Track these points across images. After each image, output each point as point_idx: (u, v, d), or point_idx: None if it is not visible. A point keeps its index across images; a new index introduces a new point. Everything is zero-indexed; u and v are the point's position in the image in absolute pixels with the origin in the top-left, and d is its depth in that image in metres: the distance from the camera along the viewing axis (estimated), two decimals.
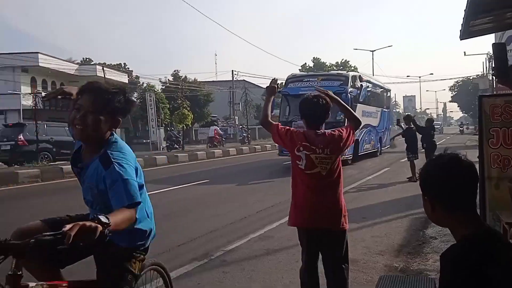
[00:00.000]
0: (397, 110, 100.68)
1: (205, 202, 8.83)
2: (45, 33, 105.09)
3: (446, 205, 1.31)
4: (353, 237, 5.55)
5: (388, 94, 22.24)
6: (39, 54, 32.04)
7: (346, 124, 3.24)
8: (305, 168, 2.97)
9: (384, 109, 20.14)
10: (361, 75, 16.25)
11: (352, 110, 3.38)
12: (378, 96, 19.24)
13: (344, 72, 14.91)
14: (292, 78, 15.43)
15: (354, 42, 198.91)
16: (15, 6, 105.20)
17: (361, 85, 14.52)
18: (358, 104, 14.20)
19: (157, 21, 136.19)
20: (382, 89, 20.34)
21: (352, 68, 56.30)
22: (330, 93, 3.23)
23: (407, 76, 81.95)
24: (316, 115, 3.07)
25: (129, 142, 32.31)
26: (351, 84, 14.21)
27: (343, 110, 3.35)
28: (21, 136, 15.91)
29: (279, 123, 3.31)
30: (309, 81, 14.59)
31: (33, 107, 17.40)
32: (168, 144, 25.63)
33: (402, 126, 12.74)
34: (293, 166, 3.08)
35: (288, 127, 3.23)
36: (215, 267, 4.66)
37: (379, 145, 18.85)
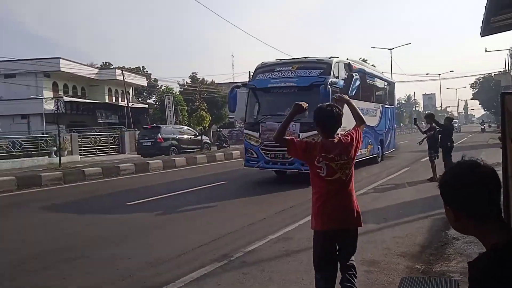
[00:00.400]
0: (417, 108, 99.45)
1: (224, 204, 8.86)
2: (66, 38, 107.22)
3: (468, 214, 1.29)
4: (374, 238, 5.52)
5: (392, 88, 18.74)
6: (60, 59, 32.74)
7: (354, 126, 3.39)
8: (326, 175, 3.10)
9: (386, 106, 16.89)
10: (351, 62, 12.91)
11: (357, 108, 3.54)
12: (377, 90, 16.11)
13: (326, 58, 11.65)
14: (261, 68, 12.15)
15: (372, 41, 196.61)
16: (36, 12, 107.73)
17: (352, 75, 11.61)
18: None
19: (174, 24, 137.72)
20: (383, 82, 17.19)
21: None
22: (345, 97, 3.58)
23: (427, 73, 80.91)
24: (331, 124, 3.22)
25: None
26: (335, 73, 11.35)
27: (351, 110, 3.52)
28: (159, 135, 21.54)
29: (293, 137, 3.31)
30: (281, 70, 11.56)
31: (55, 111, 17.79)
32: (218, 144, 26.69)
33: (419, 125, 12.39)
34: (313, 174, 3.18)
35: (305, 140, 3.36)
36: (235, 268, 4.68)
37: (379, 149, 15.53)
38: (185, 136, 23.11)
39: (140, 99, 49.87)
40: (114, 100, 40.22)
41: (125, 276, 4.53)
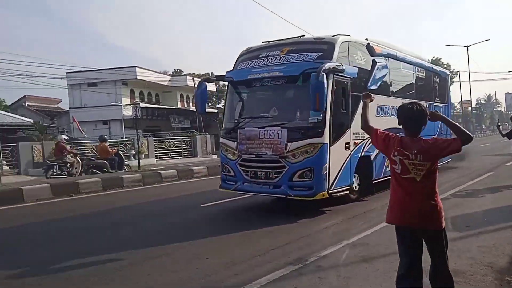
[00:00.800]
0: (499, 108, 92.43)
1: (296, 207, 8.85)
2: (142, 47, 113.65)
3: None
4: (457, 247, 5.23)
5: (444, 81, 14.21)
6: (136, 68, 34.83)
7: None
8: (401, 172, 3.11)
9: (436, 104, 12.77)
10: (371, 43, 9.31)
11: (455, 124, 3.24)
12: (419, 83, 11.95)
13: (328, 36, 8.36)
14: (245, 55, 9.09)
15: (446, 38, 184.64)
16: (115, 24, 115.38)
17: (374, 61, 8.95)
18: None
19: (240, 30, 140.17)
20: (429, 72, 12.80)
21: (445, 66, 52.87)
22: (437, 113, 3.34)
23: (509, 71, 74.89)
24: (412, 122, 3.17)
25: (218, 147, 33.87)
26: (344, 58, 8.17)
27: (448, 126, 3.22)
28: None
29: (378, 129, 3.40)
30: (268, 56, 8.48)
31: (134, 117, 18.95)
32: None
33: (500, 128, 11.44)
34: (391, 168, 3.23)
35: (386, 132, 3.32)
36: (311, 272, 4.67)
37: None
38: None
39: (209, 104, 51.48)
40: (185, 106, 41.94)
41: (204, 275, 4.70)
